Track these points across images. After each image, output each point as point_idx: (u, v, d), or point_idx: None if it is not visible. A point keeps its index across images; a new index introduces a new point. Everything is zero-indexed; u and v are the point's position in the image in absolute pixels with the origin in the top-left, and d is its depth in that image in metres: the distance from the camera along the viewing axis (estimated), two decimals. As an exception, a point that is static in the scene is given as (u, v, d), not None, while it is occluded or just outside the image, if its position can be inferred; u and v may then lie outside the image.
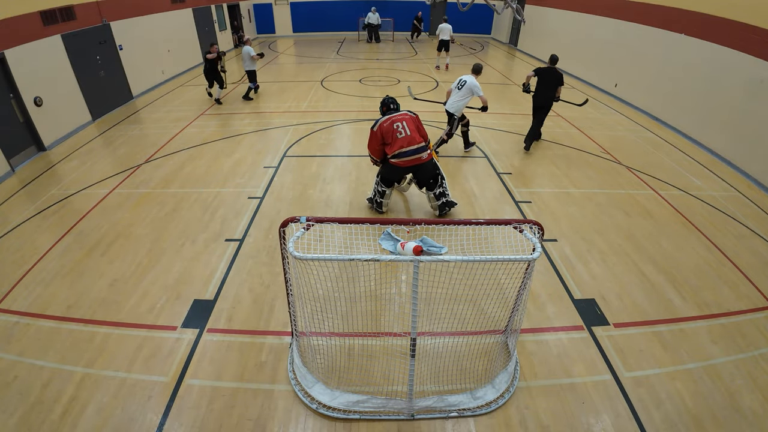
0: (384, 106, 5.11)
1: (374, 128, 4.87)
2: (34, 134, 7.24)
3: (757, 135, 6.62)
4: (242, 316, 3.83)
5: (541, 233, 2.68)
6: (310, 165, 6.84)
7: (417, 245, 3.04)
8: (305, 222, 2.63)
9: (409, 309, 2.81)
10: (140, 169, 6.69)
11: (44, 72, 7.45)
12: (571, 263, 4.60)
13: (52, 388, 3.14)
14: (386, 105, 5.09)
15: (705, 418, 2.98)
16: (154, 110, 9.72)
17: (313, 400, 3.03)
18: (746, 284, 4.35)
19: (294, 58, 15.90)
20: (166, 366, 3.33)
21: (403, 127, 4.79)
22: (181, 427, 2.88)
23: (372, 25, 18.50)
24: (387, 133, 4.80)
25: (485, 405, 3.03)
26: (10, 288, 4.17)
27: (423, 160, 4.89)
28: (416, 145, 4.80)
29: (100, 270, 4.42)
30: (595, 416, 2.99)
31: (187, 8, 13.16)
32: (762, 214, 5.72)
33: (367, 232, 4.53)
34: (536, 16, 15.44)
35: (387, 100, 5.10)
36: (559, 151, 7.51)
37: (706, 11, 7.85)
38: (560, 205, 5.75)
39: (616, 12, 10.80)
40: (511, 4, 9.52)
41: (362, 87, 11.53)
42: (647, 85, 9.59)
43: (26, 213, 5.51)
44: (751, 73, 6.74)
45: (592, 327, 3.77)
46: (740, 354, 3.52)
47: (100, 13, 9.18)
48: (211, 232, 5.04)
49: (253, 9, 19.90)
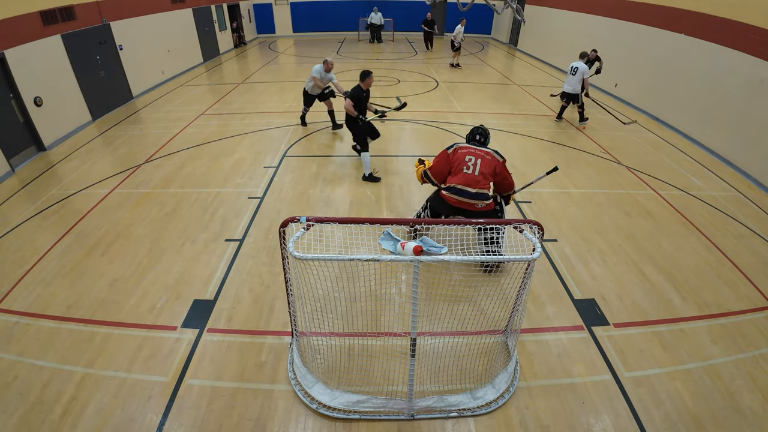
0: (471, 134, 4.50)
1: (449, 150, 4.32)
2: (34, 134, 7.24)
3: (757, 135, 6.62)
4: (242, 316, 3.83)
5: (541, 233, 2.68)
6: (310, 165, 6.83)
7: (417, 245, 3.04)
8: (305, 222, 2.63)
9: (409, 309, 2.81)
10: (140, 169, 6.69)
11: (44, 72, 7.45)
12: (571, 263, 4.60)
13: (52, 388, 3.14)
14: (473, 134, 4.48)
15: (705, 418, 2.98)
16: (154, 110, 9.72)
17: (313, 400, 3.03)
18: (746, 284, 4.35)
19: (294, 58, 15.90)
20: (166, 366, 3.33)
21: (474, 163, 4.15)
22: (181, 427, 2.88)
23: (375, 25, 18.50)
24: (457, 161, 4.22)
25: (485, 405, 3.03)
26: (10, 288, 4.17)
27: (477, 208, 4.21)
28: (475, 190, 4.12)
29: (100, 270, 4.42)
30: (595, 416, 2.99)
31: (187, 8, 13.16)
32: (762, 214, 5.72)
33: (367, 232, 4.52)
34: (536, 16, 15.44)
35: (476, 130, 4.48)
36: (559, 151, 7.51)
37: (706, 11, 7.85)
38: (560, 205, 5.75)
39: (616, 12, 10.80)
40: (511, 4, 9.51)
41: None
42: (647, 85, 9.59)
43: (26, 213, 5.51)
44: (751, 73, 6.74)
45: (592, 327, 3.77)
46: (740, 354, 3.52)
47: (100, 13, 9.18)
48: (211, 232, 5.04)
49: (253, 9, 19.89)
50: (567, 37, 13.53)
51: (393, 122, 8.82)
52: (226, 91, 11.19)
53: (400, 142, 7.84)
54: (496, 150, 4.27)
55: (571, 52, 13.16)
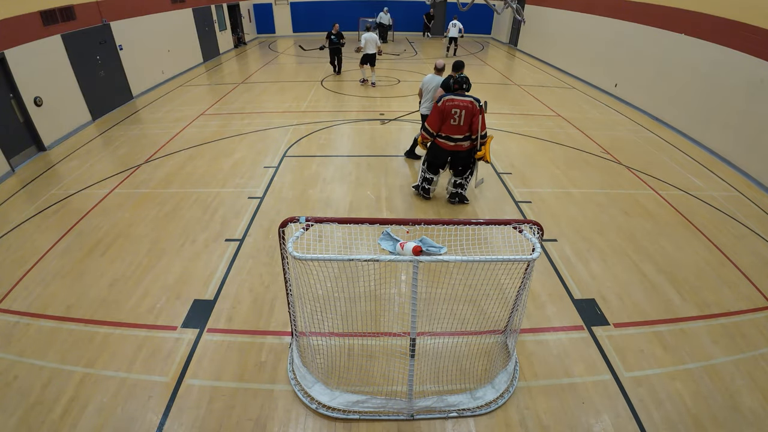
0: (456, 83, 5.16)
1: (438, 103, 5.08)
2: (34, 134, 7.24)
3: (757, 135, 6.62)
4: (242, 316, 3.83)
5: (540, 233, 2.68)
6: (310, 165, 6.84)
7: (416, 245, 3.04)
8: (304, 222, 2.62)
9: (408, 309, 2.81)
10: (140, 169, 6.69)
11: (44, 72, 7.45)
12: (571, 263, 4.60)
13: (52, 388, 3.14)
14: (459, 83, 5.15)
15: (705, 418, 2.98)
16: (154, 110, 9.72)
17: (313, 400, 3.03)
18: (746, 284, 4.35)
19: (294, 58, 15.91)
20: (166, 366, 3.33)
21: (459, 115, 5.01)
22: (181, 427, 2.88)
23: (383, 25, 18.50)
24: (445, 112, 5.03)
25: (485, 405, 3.03)
26: (10, 288, 4.17)
27: (463, 148, 5.24)
28: (462, 135, 5.13)
29: (100, 270, 4.42)
30: (595, 416, 2.99)
31: (187, 8, 13.16)
32: (762, 214, 5.72)
33: (367, 232, 4.53)
34: (536, 16, 15.44)
35: (460, 79, 5.15)
36: (559, 151, 7.51)
37: (706, 11, 7.85)
38: (560, 205, 5.75)
39: (616, 12, 10.79)
40: (511, 4, 9.50)
41: (362, 87, 11.53)
42: (647, 85, 9.59)
43: (26, 213, 5.51)
44: (751, 73, 6.74)
45: (592, 327, 3.77)
46: (740, 354, 3.52)
47: (100, 13, 9.18)
48: (211, 232, 5.04)
49: (253, 9, 19.89)
50: (567, 37, 13.53)
51: (393, 122, 8.82)
52: (226, 91, 11.20)
53: (400, 142, 7.84)
54: (476, 97, 5.03)
55: (571, 52, 13.22)
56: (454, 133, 5.12)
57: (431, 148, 5.43)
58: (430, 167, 5.51)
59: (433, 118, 5.19)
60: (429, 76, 6.41)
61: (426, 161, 5.55)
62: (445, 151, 5.29)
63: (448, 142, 5.19)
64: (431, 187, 5.70)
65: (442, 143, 5.23)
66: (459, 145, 5.20)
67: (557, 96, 11.11)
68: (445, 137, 5.18)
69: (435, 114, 5.14)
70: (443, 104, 5.04)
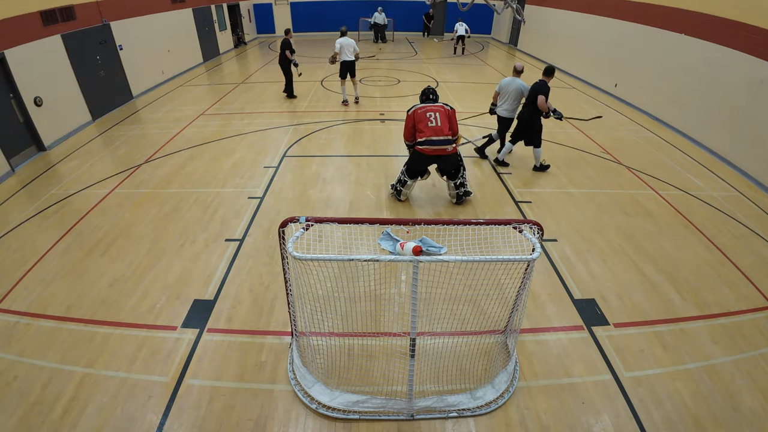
0: (423, 95, 5.41)
1: (409, 112, 5.25)
2: (34, 134, 7.24)
3: (757, 135, 6.62)
4: (242, 316, 3.83)
5: (540, 233, 2.68)
6: (310, 165, 6.84)
7: (416, 245, 3.05)
8: (304, 222, 2.62)
9: (408, 309, 2.81)
10: (140, 169, 6.69)
11: (44, 72, 7.45)
12: (571, 263, 4.60)
13: (52, 388, 3.14)
14: (425, 94, 5.39)
15: (705, 418, 2.98)
16: (154, 110, 9.72)
17: (313, 400, 3.03)
18: (746, 284, 4.35)
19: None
20: (166, 366, 3.33)
21: (435, 117, 5.11)
22: (181, 427, 2.88)
23: (378, 24, 18.53)
24: (419, 119, 5.14)
25: (485, 405, 3.03)
26: (10, 288, 4.17)
27: (447, 152, 5.21)
28: (443, 137, 5.12)
29: (100, 270, 4.42)
30: (595, 416, 2.99)
31: (187, 8, 13.16)
32: (762, 214, 5.72)
33: (367, 232, 4.53)
34: (536, 16, 15.44)
35: (427, 90, 5.41)
36: (559, 151, 7.50)
37: (706, 11, 7.85)
38: (560, 205, 5.75)
39: (616, 12, 10.79)
40: (511, 4, 9.52)
41: (362, 87, 11.52)
42: (647, 85, 9.59)
43: (26, 213, 5.51)
44: (751, 73, 6.73)
45: (592, 327, 3.77)
46: (740, 354, 3.52)
47: (100, 13, 9.18)
48: (211, 232, 5.04)
49: (253, 9, 19.89)
50: (567, 37, 13.53)
51: (393, 123, 8.83)
52: (226, 91, 11.20)
53: (400, 142, 7.83)
54: (445, 102, 5.34)
55: (571, 52, 13.21)
56: (435, 135, 5.09)
57: (412, 155, 5.41)
58: (408, 171, 5.48)
59: (405, 128, 5.31)
60: (508, 78, 6.55)
61: (406, 165, 5.52)
62: (427, 158, 5.25)
63: (429, 147, 5.13)
64: (404, 190, 5.65)
65: (423, 149, 5.17)
66: (441, 149, 5.14)
67: (557, 96, 11.10)
68: (425, 142, 5.11)
69: (407, 123, 5.25)
70: (414, 112, 5.19)
